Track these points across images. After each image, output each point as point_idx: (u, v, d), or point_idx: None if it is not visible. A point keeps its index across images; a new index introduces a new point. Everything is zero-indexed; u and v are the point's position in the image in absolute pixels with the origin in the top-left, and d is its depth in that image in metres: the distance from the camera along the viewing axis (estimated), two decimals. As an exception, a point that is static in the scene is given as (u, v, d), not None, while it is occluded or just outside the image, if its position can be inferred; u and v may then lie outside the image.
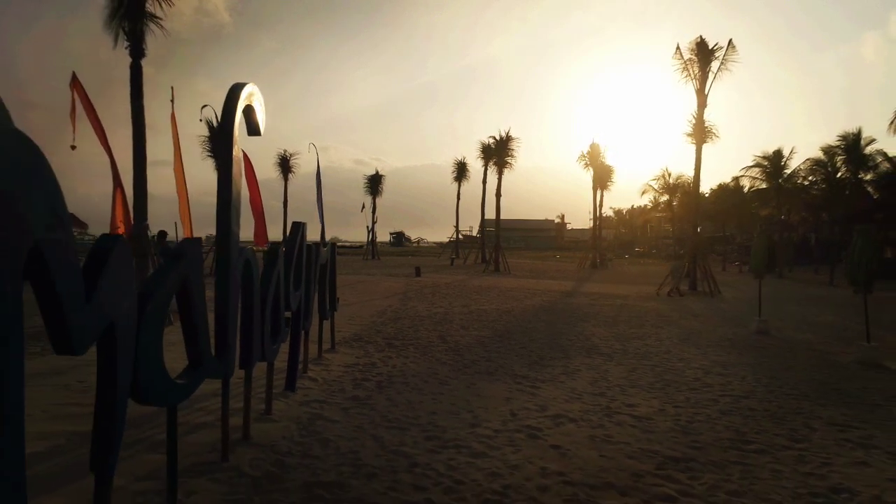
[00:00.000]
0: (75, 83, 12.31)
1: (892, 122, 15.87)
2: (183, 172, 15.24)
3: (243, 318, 4.40)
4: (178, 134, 14.94)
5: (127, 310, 2.89)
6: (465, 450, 4.63)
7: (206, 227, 17.40)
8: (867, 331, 9.60)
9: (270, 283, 4.92)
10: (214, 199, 3.99)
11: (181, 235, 14.93)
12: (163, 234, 15.25)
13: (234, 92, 4.10)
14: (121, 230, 13.02)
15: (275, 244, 5.38)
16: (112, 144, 12.14)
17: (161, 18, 10.65)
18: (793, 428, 5.67)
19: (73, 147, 12.47)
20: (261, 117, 4.52)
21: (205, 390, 4.78)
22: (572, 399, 6.38)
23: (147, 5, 10.43)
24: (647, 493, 3.95)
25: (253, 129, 4.46)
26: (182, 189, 14.75)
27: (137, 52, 10.48)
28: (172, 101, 14.23)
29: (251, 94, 4.29)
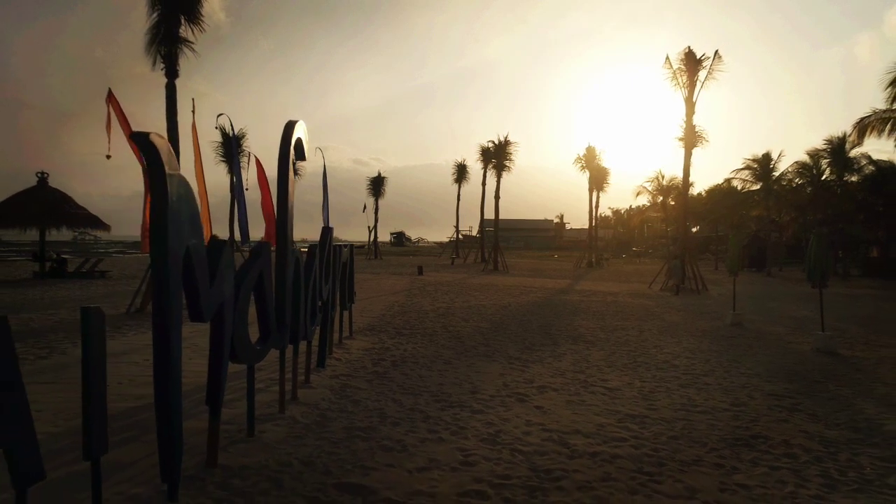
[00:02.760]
0: (111, 98, 13.53)
1: (850, 135, 16.98)
2: (203, 177, 16.44)
3: (293, 304, 5.61)
4: (198, 141, 16.13)
5: (229, 293, 4.11)
6: (467, 408, 5.86)
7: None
8: (822, 321, 10.81)
9: (311, 277, 6.14)
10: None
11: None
12: None
13: (289, 129, 5.31)
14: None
15: (313, 245, 6.60)
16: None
17: (193, 42, 11.84)
18: (737, 396, 6.88)
19: (109, 157, 13.68)
20: (306, 146, 5.74)
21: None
22: (556, 375, 7.60)
23: (180, 31, 11.62)
24: (606, 437, 5.17)
25: (300, 155, 5.68)
26: (203, 193, 15.93)
27: (172, 73, 11.68)
28: (193, 111, 15.41)
29: (300, 129, 5.51)
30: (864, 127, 14.90)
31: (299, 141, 5.56)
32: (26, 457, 2.41)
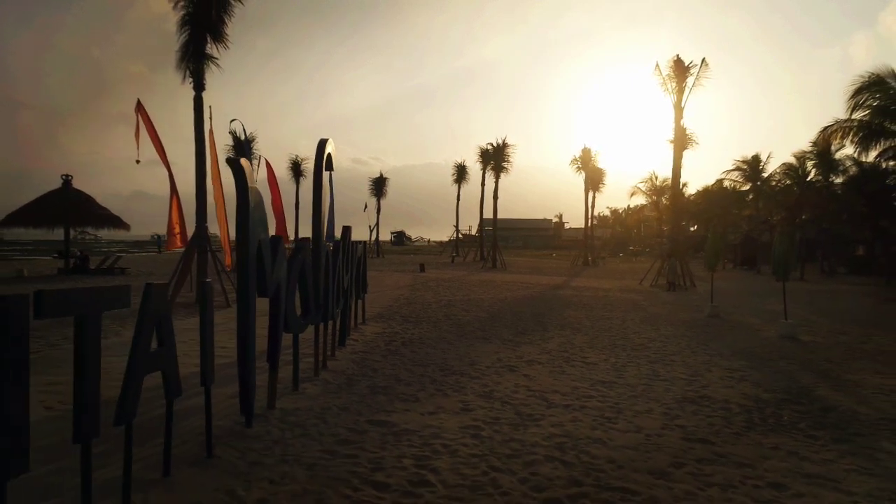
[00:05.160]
0: (140, 108, 14.76)
1: (815, 141, 18.05)
2: (220, 180, 17.63)
3: (323, 289, 6.83)
4: (215, 146, 17.31)
5: (283, 277, 5.34)
6: (466, 376, 7.10)
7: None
8: (785, 311, 12.04)
9: (336, 268, 7.37)
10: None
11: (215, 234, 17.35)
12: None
13: (322, 145, 6.55)
14: (176, 230, 15.46)
15: (336, 242, 7.83)
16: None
17: (217, 58, 13.08)
18: (696, 370, 8.10)
19: (138, 161, 14.93)
20: (333, 158, 6.97)
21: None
22: (543, 353, 8.84)
23: (207, 48, 12.85)
24: (578, 395, 6.40)
25: (329, 166, 6.91)
26: (219, 195, 17.13)
27: (199, 87, 12.91)
28: (210, 118, 16.59)
29: (329, 146, 6.75)
30: (827, 135, 16.09)
31: (329, 155, 6.79)
32: (174, 376, 3.64)
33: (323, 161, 6.50)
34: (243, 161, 4.31)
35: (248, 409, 4.68)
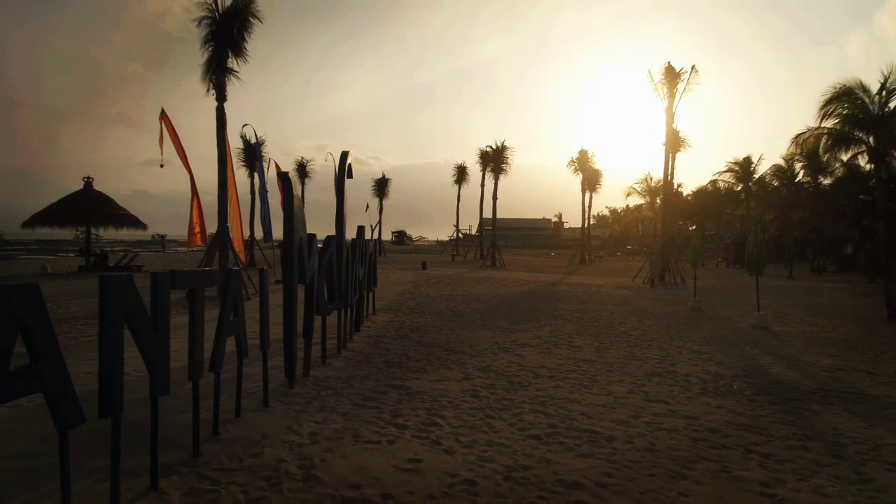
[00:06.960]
0: (164, 116, 15.87)
1: (789, 148, 19.12)
2: (235, 183, 18.73)
3: (345, 280, 7.96)
4: (230, 150, 18.43)
5: (316, 268, 6.47)
6: (466, 354, 8.23)
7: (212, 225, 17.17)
8: (758, 303, 13.16)
9: (354, 263, 8.50)
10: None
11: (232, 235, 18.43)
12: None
13: (344, 157, 7.67)
14: (196, 230, 16.58)
15: (354, 240, 8.95)
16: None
17: (237, 71, 14.22)
18: (668, 353, 9.22)
19: (162, 166, 16.03)
20: (353, 167, 8.09)
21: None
22: (535, 339, 9.97)
23: (228, 62, 13.99)
24: (562, 370, 7.53)
25: (349, 175, 8.03)
26: (233, 196, 18.23)
27: (221, 98, 14.04)
28: (225, 125, 17.69)
29: (349, 157, 7.87)
30: (800, 142, 17.10)
31: (349, 166, 7.91)
32: (244, 341, 4.77)
33: (345, 171, 7.62)
34: (290, 174, 5.43)
35: (291, 373, 5.81)
